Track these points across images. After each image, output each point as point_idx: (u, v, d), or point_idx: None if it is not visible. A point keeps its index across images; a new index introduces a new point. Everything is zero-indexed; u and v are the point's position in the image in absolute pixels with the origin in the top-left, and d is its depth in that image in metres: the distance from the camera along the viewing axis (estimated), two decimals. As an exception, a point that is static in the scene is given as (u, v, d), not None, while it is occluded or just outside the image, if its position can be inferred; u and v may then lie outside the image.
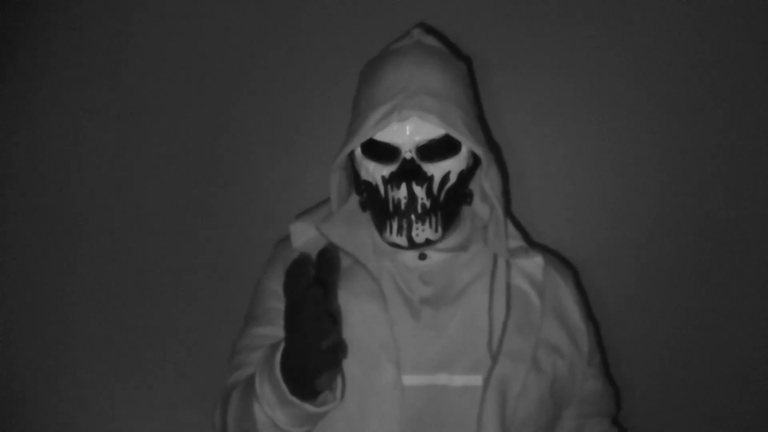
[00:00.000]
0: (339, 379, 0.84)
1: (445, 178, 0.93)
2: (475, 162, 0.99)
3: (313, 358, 0.74)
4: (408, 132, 0.91)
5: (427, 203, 0.92)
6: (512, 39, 1.21)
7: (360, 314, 0.94)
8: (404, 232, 0.93)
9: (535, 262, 1.02)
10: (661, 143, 1.22)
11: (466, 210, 1.06)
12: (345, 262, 1.00)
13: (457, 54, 1.10)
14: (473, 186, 1.03)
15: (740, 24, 1.17)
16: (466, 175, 0.97)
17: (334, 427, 0.90)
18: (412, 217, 0.92)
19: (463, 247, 1.01)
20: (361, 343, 0.92)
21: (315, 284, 0.72)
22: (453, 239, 1.02)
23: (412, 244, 0.94)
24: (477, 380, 0.92)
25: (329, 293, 0.76)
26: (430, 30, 1.08)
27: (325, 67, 1.24)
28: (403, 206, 0.92)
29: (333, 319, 0.74)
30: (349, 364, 0.90)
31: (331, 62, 1.24)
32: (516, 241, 1.05)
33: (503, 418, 0.92)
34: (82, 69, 1.29)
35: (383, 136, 0.92)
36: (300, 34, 1.24)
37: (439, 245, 1.00)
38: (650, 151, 1.23)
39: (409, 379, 0.92)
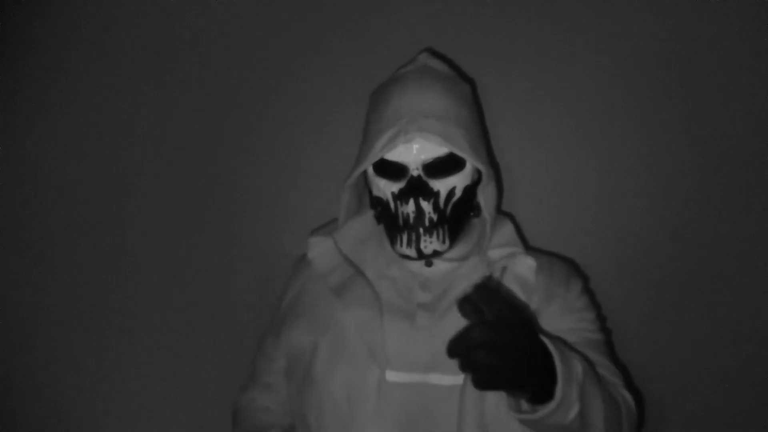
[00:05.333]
0: None
1: (451, 192, 1.00)
2: (480, 177, 1.05)
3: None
4: (415, 151, 0.98)
5: (434, 217, 0.99)
6: (512, 63, 1.26)
7: (353, 320, 1.00)
8: (413, 245, 0.99)
9: (527, 265, 1.05)
10: (658, 157, 1.25)
11: (473, 222, 1.11)
12: (348, 272, 1.07)
13: (462, 76, 1.15)
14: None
15: (732, 27, 1.20)
16: (471, 190, 1.03)
17: (327, 429, 0.97)
18: (420, 230, 0.99)
19: (465, 258, 1.07)
20: (354, 346, 0.99)
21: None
22: (458, 250, 1.07)
23: (421, 255, 1.00)
24: (461, 379, 0.95)
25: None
26: (436, 54, 1.14)
27: (337, 90, 1.30)
28: (411, 220, 0.99)
29: None
30: (341, 367, 0.97)
31: (343, 85, 1.29)
32: (511, 248, 1.07)
33: (482, 414, 0.94)
34: (79, 77, 1.32)
35: (392, 155, 0.99)
36: (313, 55, 1.29)
37: (446, 255, 1.05)
38: (648, 166, 1.25)
39: (401, 377, 0.96)
